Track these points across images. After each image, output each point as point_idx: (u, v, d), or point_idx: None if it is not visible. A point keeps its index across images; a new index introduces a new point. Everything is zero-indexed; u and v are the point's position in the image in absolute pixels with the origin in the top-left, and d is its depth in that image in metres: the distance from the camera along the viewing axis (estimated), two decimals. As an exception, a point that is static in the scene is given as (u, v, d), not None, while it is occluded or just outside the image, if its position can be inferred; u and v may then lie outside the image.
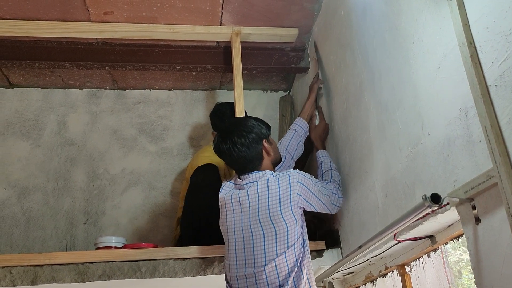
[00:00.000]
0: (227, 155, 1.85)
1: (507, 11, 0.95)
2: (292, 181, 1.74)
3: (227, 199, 1.83)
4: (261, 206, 1.73)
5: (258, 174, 1.82)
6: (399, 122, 1.49)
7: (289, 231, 1.70)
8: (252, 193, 1.77)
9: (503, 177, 0.95)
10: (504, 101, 0.97)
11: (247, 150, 1.82)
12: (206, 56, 2.58)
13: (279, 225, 1.70)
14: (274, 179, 1.77)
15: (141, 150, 2.91)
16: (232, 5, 2.29)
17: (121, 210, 2.76)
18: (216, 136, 1.90)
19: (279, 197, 1.72)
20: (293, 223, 1.71)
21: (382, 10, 1.62)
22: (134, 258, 2.02)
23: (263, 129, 1.90)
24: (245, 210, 1.76)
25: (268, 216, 1.71)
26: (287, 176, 1.76)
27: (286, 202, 1.71)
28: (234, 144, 1.82)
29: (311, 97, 2.29)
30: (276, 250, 1.68)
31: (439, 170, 1.25)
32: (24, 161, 2.78)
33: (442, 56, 1.22)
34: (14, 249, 2.59)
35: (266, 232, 1.70)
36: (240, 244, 1.74)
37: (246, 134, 1.84)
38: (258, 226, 1.72)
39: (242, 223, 1.75)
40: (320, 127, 2.25)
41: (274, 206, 1.71)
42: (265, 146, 1.87)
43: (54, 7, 2.24)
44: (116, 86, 2.98)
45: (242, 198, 1.78)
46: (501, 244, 1.01)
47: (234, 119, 2.08)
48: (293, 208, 1.72)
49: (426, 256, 1.63)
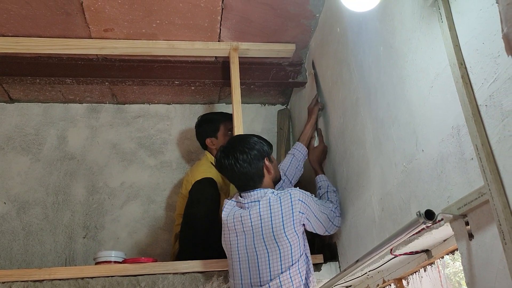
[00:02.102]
0: (229, 171, 1.88)
1: (495, 34, 0.98)
2: (294, 199, 1.78)
3: (229, 219, 1.85)
4: (264, 226, 1.76)
5: (259, 193, 1.84)
6: (395, 138, 1.52)
7: (292, 248, 1.74)
8: (254, 214, 1.79)
9: (494, 195, 0.97)
10: (494, 120, 1.00)
11: (248, 167, 1.86)
12: (205, 71, 2.61)
13: (282, 243, 1.73)
14: (275, 198, 1.80)
15: (140, 164, 2.93)
16: (230, 21, 2.34)
17: (120, 224, 2.78)
18: (218, 152, 1.93)
19: (282, 216, 1.75)
20: (295, 241, 1.75)
21: (376, 28, 1.65)
22: (134, 273, 2.04)
23: (265, 147, 1.93)
24: (248, 230, 1.79)
25: (272, 236, 1.74)
26: (288, 194, 1.79)
27: (289, 221, 1.75)
28: (236, 160, 1.86)
29: (311, 119, 2.29)
30: (280, 267, 1.71)
31: (433, 186, 1.28)
32: (24, 175, 2.79)
33: (434, 76, 1.25)
34: (13, 264, 2.59)
35: (271, 250, 1.73)
36: (245, 263, 1.77)
37: (248, 150, 1.87)
38: (262, 245, 1.75)
39: (246, 243, 1.78)
40: (318, 149, 2.25)
41: (277, 225, 1.74)
42: (266, 164, 1.91)
43: (55, 24, 2.28)
44: (115, 101, 3.01)
45: (244, 218, 1.81)
46: (493, 260, 1.03)
47: (237, 136, 2.11)
48: (295, 226, 1.75)
49: (423, 270, 1.65)
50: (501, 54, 0.96)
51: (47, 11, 2.18)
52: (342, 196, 2.05)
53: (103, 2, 2.14)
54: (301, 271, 1.72)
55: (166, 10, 2.22)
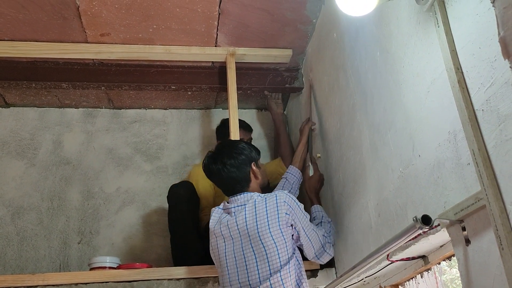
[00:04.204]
0: (216, 175, 1.90)
1: (492, 38, 0.98)
2: (279, 200, 1.77)
3: (216, 227, 1.85)
4: (250, 228, 1.75)
5: (246, 196, 1.85)
6: (391, 143, 1.51)
7: (279, 250, 1.71)
8: (240, 218, 1.79)
9: (491, 200, 0.97)
10: (491, 125, 0.99)
11: (236, 171, 1.87)
12: (201, 76, 2.61)
13: (268, 244, 1.71)
14: (261, 199, 1.80)
15: (136, 169, 2.92)
16: (227, 27, 2.34)
17: (115, 229, 2.76)
18: (206, 157, 1.94)
19: (267, 215, 1.75)
20: (282, 242, 1.72)
21: (373, 33, 1.65)
22: (128, 279, 2.02)
23: (253, 153, 1.95)
24: (235, 235, 1.78)
25: (258, 237, 1.73)
26: (274, 196, 1.79)
27: (273, 220, 1.73)
28: (224, 164, 1.87)
29: (302, 139, 2.29)
30: (269, 269, 1.69)
31: (430, 192, 1.27)
32: (19, 180, 2.78)
33: (431, 80, 1.25)
34: (7, 269, 2.57)
35: (257, 253, 1.72)
36: (233, 268, 1.76)
37: (236, 155, 1.88)
38: (249, 248, 1.74)
39: (234, 248, 1.77)
40: (314, 178, 2.21)
41: (262, 225, 1.73)
42: (253, 169, 1.92)
43: (51, 28, 2.27)
44: (111, 106, 3.00)
45: (230, 223, 1.80)
46: (490, 266, 1.02)
47: (225, 142, 2.12)
48: (281, 226, 1.73)
49: (419, 276, 1.63)
50: (498, 59, 0.96)
51: (43, 15, 2.18)
52: (339, 202, 2.04)
53: (99, 7, 2.14)
54: (291, 275, 1.69)
55: (162, 15, 2.22)
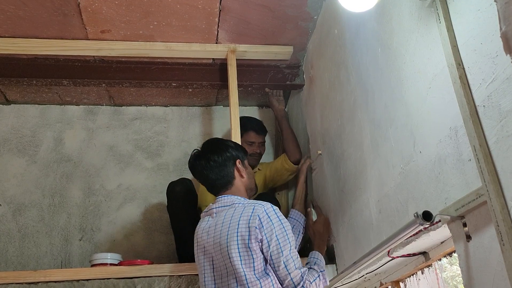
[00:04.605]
0: (199, 172, 1.85)
1: (494, 34, 0.98)
2: (254, 213, 1.64)
3: (199, 231, 1.78)
4: (221, 237, 1.66)
5: (229, 199, 1.77)
6: (392, 140, 1.51)
7: (243, 265, 1.59)
8: (219, 223, 1.71)
9: (492, 196, 0.97)
10: (492, 121, 0.99)
11: (219, 167, 1.81)
12: (202, 73, 2.61)
13: (233, 256, 1.60)
14: (241, 207, 1.71)
15: (137, 166, 2.92)
16: (228, 23, 2.33)
17: (116, 226, 2.76)
18: (192, 154, 1.90)
19: (238, 226, 1.64)
20: (248, 258, 1.60)
21: (374, 30, 1.65)
22: (130, 275, 2.03)
23: (239, 152, 1.89)
24: (209, 242, 1.71)
25: (226, 247, 1.63)
26: (252, 206, 1.68)
27: (243, 232, 1.62)
28: (207, 160, 1.82)
29: (301, 179, 2.28)
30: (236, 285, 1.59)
31: (430, 188, 1.27)
32: (20, 177, 2.78)
33: (432, 77, 1.25)
34: (8, 266, 2.58)
35: (226, 264, 1.63)
36: (210, 277, 1.69)
37: (220, 152, 1.84)
38: (220, 259, 1.66)
39: (211, 257, 1.71)
40: (319, 222, 2.11)
41: (231, 235, 1.63)
42: (238, 166, 1.85)
43: (52, 25, 2.27)
44: (112, 103, 3.00)
45: (210, 227, 1.74)
46: (491, 262, 1.02)
47: (211, 139, 2.03)
48: (250, 241, 1.60)
49: (420, 273, 1.64)
50: (499, 54, 0.96)
51: (43, 12, 2.18)
52: (340, 198, 2.04)
53: (100, 3, 2.14)
54: None
55: (163, 12, 2.22)
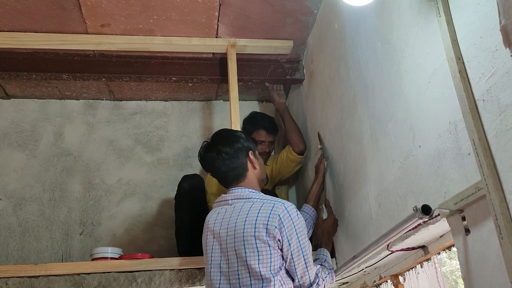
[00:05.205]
0: (210, 164, 1.79)
1: (493, 28, 0.98)
2: (274, 212, 1.61)
3: (211, 221, 1.74)
4: (237, 229, 1.62)
5: (244, 192, 1.73)
6: (392, 134, 1.51)
7: (260, 260, 1.56)
8: (235, 213, 1.67)
9: (491, 189, 0.97)
10: (491, 115, 0.99)
11: (231, 159, 1.75)
12: (202, 68, 2.61)
13: (250, 252, 1.57)
14: (260, 201, 1.68)
15: (137, 161, 2.92)
16: (228, 17, 2.33)
17: (117, 220, 2.77)
18: (201, 147, 1.85)
19: (255, 221, 1.60)
20: (265, 254, 1.57)
21: (374, 24, 1.65)
22: (130, 269, 2.03)
23: (250, 143, 1.84)
24: (223, 232, 1.66)
25: (242, 241, 1.59)
26: (271, 205, 1.64)
27: (261, 228, 1.59)
28: (218, 152, 1.76)
29: (318, 178, 2.20)
30: (249, 276, 1.56)
31: (430, 182, 1.27)
32: (20, 171, 2.78)
33: (432, 71, 1.25)
34: (9, 260, 2.58)
35: (239, 257, 1.60)
36: (216, 267, 1.65)
37: (231, 143, 1.78)
38: (232, 251, 1.62)
39: (221, 246, 1.66)
40: (328, 222, 2.08)
41: (248, 230, 1.60)
42: (251, 158, 1.80)
43: (51, 19, 2.27)
44: (112, 97, 3.00)
45: (226, 216, 1.69)
46: (490, 255, 1.03)
47: (221, 130, 1.99)
48: (268, 238, 1.58)
49: (419, 266, 1.65)
50: (499, 48, 0.96)
51: (43, 5, 2.17)
52: (340, 192, 2.05)
53: (100, -3, 2.13)
54: None
55: (163, 6, 2.21)
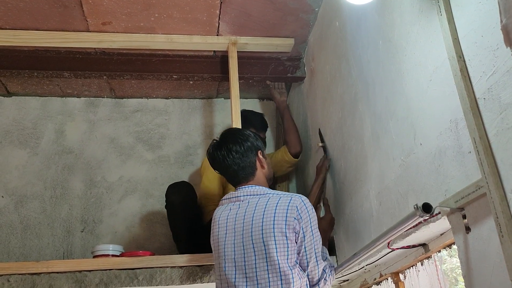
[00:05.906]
0: (220, 162, 1.79)
1: (494, 27, 0.98)
2: (292, 204, 1.63)
3: (222, 216, 1.73)
4: (255, 222, 1.63)
5: (257, 188, 1.74)
6: (393, 132, 1.52)
7: (278, 253, 1.57)
8: (250, 208, 1.67)
9: (491, 188, 0.97)
10: (492, 113, 1.00)
11: (241, 157, 1.76)
12: (203, 66, 2.61)
13: (269, 244, 1.58)
14: (276, 196, 1.68)
15: (138, 158, 2.93)
16: (229, 15, 2.33)
17: (118, 218, 2.78)
18: (210, 145, 1.85)
19: (274, 215, 1.62)
20: (283, 247, 1.59)
21: (375, 22, 1.65)
22: (132, 266, 2.04)
23: (259, 141, 1.85)
24: (238, 227, 1.67)
25: (261, 234, 1.60)
26: (289, 198, 1.66)
27: (280, 221, 1.60)
28: (229, 151, 1.77)
29: (319, 179, 2.20)
30: (267, 267, 1.57)
31: (431, 180, 1.28)
32: (22, 169, 2.79)
33: (433, 69, 1.25)
34: (11, 257, 2.59)
35: (257, 249, 1.60)
36: (231, 262, 1.64)
37: (241, 142, 1.79)
38: (250, 245, 1.62)
39: (235, 241, 1.65)
40: (325, 220, 2.08)
41: (267, 223, 1.61)
42: (260, 157, 1.82)
43: (53, 17, 2.27)
44: (113, 95, 3.00)
45: (239, 212, 1.69)
46: (490, 253, 1.03)
47: (230, 129, 2.02)
48: (287, 230, 1.60)
49: (420, 264, 1.65)
50: (500, 47, 0.96)
51: (44, 4, 2.17)
52: (341, 190, 2.05)
53: (101, -5, 2.14)
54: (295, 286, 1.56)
55: (164, 4, 2.21)
